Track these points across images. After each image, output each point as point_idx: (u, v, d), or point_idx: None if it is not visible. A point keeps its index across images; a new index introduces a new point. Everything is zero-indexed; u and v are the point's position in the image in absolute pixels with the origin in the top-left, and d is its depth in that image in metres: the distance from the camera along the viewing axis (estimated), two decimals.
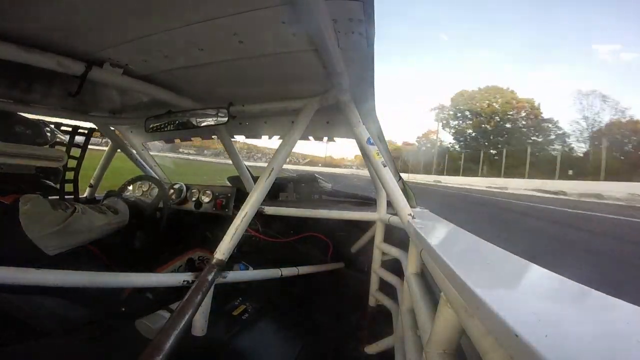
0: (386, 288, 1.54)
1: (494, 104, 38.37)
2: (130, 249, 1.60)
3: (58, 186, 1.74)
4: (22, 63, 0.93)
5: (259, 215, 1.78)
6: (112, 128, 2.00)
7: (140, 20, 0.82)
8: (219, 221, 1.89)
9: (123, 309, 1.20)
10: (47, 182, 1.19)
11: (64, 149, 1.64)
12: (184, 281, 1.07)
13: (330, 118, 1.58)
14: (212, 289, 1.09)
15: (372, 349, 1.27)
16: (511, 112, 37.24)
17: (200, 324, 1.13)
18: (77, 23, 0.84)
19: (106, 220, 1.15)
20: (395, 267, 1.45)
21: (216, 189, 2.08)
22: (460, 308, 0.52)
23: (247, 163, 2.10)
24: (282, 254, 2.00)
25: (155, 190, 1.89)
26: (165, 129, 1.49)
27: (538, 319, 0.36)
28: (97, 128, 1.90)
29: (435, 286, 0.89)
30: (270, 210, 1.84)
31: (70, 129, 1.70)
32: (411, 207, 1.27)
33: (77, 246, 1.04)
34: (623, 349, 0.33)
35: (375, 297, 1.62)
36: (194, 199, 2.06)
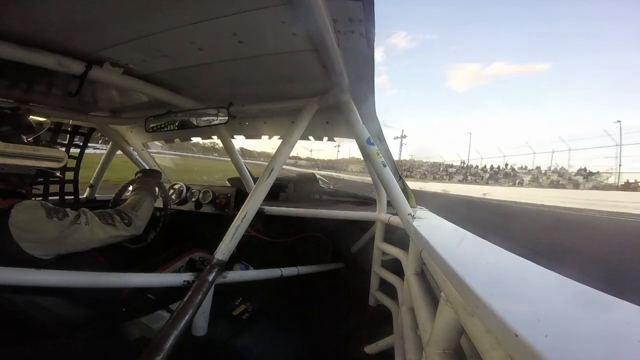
0: (386, 288, 1.54)
1: None
2: (130, 249, 1.60)
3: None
4: (22, 63, 0.93)
5: (259, 215, 1.78)
6: (112, 128, 2.00)
7: (140, 20, 0.82)
8: (219, 221, 1.89)
9: (123, 309, 1.20)
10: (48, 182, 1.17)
11: (63, 148, 1.64)
12: (184, 281, 1.07)
13: (330, 118, 1.58)
14: (212, 289, 1.09)
15: (372, 348, 1.27)
16: None
17: (200, 323, 1.13)
18: (77, 23, 0.84)
19: (113, 233, 1.08)
20: (395, 266, 1.45)
21: (216, 189, 2.08)
22: (460, 307, 0.52)
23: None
24: (282, 254, 2.00)
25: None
26: (165, 129, 1.49)
27: (538, 319, 0.36)
28: (97, 128, 1.90)
29: (436, 286, 0.89)
30: (270, 210, 1.84)
31: (70, 129, 1.70)
32: (411, 206, 1.27)
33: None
34: (623, 349, 0.33)
35: (376, 296, 1.62)
36: (194, 199, 2.06)
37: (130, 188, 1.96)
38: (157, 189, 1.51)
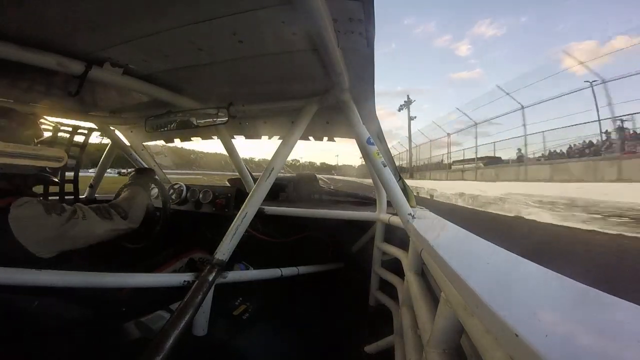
0: (386, 287, 1.54)
1: None
2: (130, 249, 1.60)
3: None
4: (22, 63, 0.93)
5: (259, 215, 1.78)
6: (112, 128, 2.00)
7: (140, 20, 0.82)
8: (219, 221, 1.89)
9: (123, 309, 1.20)
10: (48, 181, 1.17)
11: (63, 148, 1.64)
12: (184, 281, 1.07)
13: (330, 118, 1.58)
14: (212, 289, 1.09)
15: (372, 348, 1.27)
16: None
17: (201, 323, 1.13)
18: (77, 23, 0.84)
19: (110, 227, 1.08)
20: (395, 266, 1.45)
21: (216, 189, 2.08)
22: (460, 307, 0.52)
23: None
24: (282, 254, 2.00)
25: (155, 191, 1.89)
26: (165, 129, 1.49)
27: (538, 319, 0.36)
28: (97, 128, 1.90)
29: (436, 286, 0.89)
30: (270, 210, 1.84)
31: (70, 129, 1.70)
32: (411, 206, 1.27)
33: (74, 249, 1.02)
34: (623, 348, 0.33)
35: (376, 296, 1.62)
36: (194, 199, 2.06)
37: None
38: (151, 185, 1.55)
